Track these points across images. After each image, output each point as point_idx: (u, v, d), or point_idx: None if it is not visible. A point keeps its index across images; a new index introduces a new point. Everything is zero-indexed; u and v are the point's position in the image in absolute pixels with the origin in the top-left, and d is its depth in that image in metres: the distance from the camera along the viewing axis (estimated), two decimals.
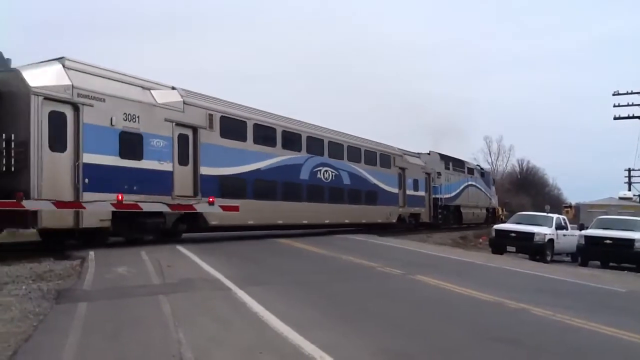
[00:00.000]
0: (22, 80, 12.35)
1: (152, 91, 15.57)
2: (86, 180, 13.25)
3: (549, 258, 20.78)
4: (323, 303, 8.45)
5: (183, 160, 16.21)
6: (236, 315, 7.16)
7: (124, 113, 14.33)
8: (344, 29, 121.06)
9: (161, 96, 15.73)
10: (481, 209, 41.97)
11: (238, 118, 18.63)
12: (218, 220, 17.16)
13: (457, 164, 38.12)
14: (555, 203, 66.59)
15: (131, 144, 14.51)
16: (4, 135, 12.07)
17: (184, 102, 16.39)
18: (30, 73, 12.56)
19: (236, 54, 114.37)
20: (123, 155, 14.25)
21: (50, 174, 12.62)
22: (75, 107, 13.18)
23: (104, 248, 13.95)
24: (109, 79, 14.46)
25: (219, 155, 17.45)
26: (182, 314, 7.01)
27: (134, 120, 14.60)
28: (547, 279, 13.30)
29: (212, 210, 16.71)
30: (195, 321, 6.73)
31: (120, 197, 14.00)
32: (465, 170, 39.30)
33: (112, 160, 13.97)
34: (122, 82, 14.80)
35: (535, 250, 20.75)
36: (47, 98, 12.57)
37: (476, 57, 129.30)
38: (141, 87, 15.34)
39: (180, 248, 14.50)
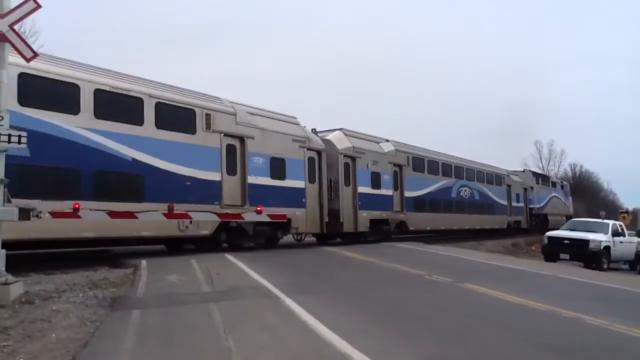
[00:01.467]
0: (333, 145, 21.51)
1: (381, 144, 24.85)
2: (360, 203, 22.12)
3: (605, 266, 20.02)
4: (370, 311, 8.39)
5: (396, 188, 24.91)
6: (284, 323, 7.21)
7: (373, 160, 23.45)
8: (384, 31, 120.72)
9: (385, 147, 24.87)
10: (561, 216, 46.52)
11: (420, 157, 27.52)
12: (415, 226, 25.79)
13: (544, 179, 46.83)
14: (610, 209, 64.35)
15: (377, 179, 23.55)
16: (331, 178, 20.93)
17: (396, 150, 25.35)
18: (331, 139, 21.82)
19: (281, 59, 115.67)
20: (373, 186, 23.28)
21: (344, 198, 21.42)
22: (353, 159, 22.25)
23: (156, 257, 14.33)
24: (365, 140, 23.82)
25: (412, 183, 26.09)
26: (232, 322, 7.11)
27: (375, 164, 23.57)
28: (603, 287, 12.82)
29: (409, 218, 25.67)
30: (245, 329, 6.82)
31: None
32: (550, 184, 47.33)
33: (367, 189, 22.76)
34: (369, 141, 24.16)
35: (591, 257, 20.01)
36: (342, 154, 21.66)
37: (524, 58, 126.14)
38: (376, 142, 24.55)
39: (229, 256, 14.72)
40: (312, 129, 21.50)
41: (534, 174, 45.35)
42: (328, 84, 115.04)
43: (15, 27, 8.85)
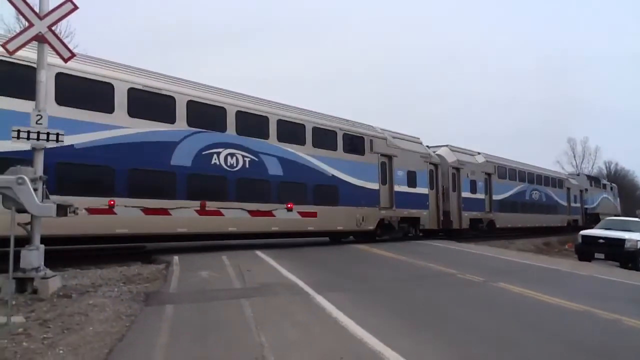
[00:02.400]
0: (445, 159, 27.09)
1: (475, 156, 30.43)
2: (463, 205, 27.51)
3: None
4: (402, 310, 8.35)
5: (487, 193, 30.38)
6: (315, 320, 7.23)
7: (471, 170, 28.88)
8: (421, 32, 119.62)
9: (479, 159, 30.42)
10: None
11: (503, 166, 32.78)
12: (500, 224, 31.08)
13: (596, 182, 52.30)
14: None
15: (474, 186, 28.97)
16: (444, 185, 26.18)
17: (486, 161, 30.87)
18: (442, 153, 27.39)
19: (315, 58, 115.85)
20: (472, 191, 28.71)
21: (452, 201, 26.88)
22: (458, 170, 27.74)
23: (186, 253, 14.54)
24: (464, 153, 29.41)
25: (498, 188, 31.33)
26: (263, 318, 7.17)
27: (473, 174, 29.09)
28: None
29: (496, 217, 31.01)
30: (276, 325, 6.86)
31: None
32: (601, 186, 52.53)
33: (468, 194, 28.23)
34: (467, 154, 29.73)
35: (627, 257, 19.44)
36: (451, 166, 27.25)
37: (556, 55, 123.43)
38: (471, 155, 30.10)
39: (259, 253, 14.84)
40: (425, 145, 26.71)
41: (588, 177, 52.07)
42: (360, 83, 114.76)
43: (53, 28, 9.08)
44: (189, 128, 14.92)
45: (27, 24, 8.87)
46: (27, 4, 8.80)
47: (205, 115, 15.55)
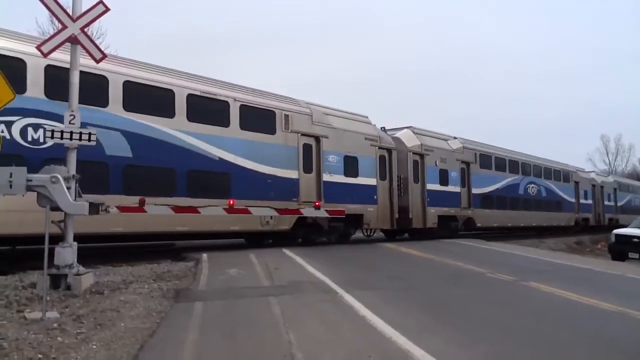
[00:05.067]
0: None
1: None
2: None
3: None
4: (431, 308, 8.26)
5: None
6: (344, 318, 7.21)
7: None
8: (450, 31, 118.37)
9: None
10: None
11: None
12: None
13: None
14: None
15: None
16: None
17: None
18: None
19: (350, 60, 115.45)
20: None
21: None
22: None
23: (215, 251, 14.67)
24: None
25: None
26: (292, 316, 7.18)
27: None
28: None
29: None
30: (305, 323, 6.87)
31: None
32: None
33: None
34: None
35: None
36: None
37: (590, 53, 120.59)
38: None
39: (286, 251, 14.89)
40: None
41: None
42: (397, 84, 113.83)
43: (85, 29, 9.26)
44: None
45: (60, 26, 9.08)
46: (61, 7, 9.00)
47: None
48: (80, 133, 8.86)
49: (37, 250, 9.51)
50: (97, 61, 9.60)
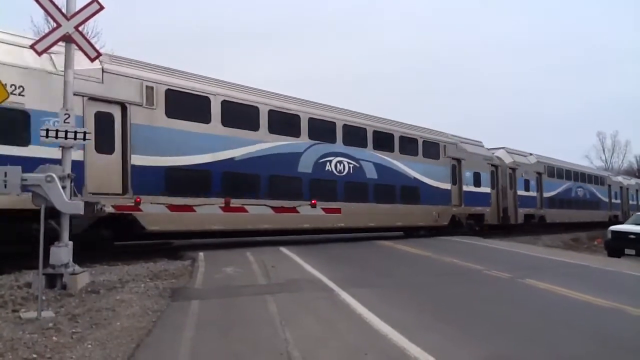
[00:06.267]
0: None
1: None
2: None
3: None
4: (428, 306, 8.27)
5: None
6: (340, 316, 7.21)
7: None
8: (454, 28, 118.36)
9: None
10: None
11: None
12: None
13: None
14: None
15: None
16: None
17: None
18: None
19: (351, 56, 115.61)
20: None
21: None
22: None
23: (212, 249, 14.65)
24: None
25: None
26: (288, 314, 7.18)
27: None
28: None
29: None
30: (301, 321, 6.87)
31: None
32: None
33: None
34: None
35: None
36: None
37: (589, 50, 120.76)
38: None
39: (283, 249, 14.88)
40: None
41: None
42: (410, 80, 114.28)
43: (80, 28, 9.21)
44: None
45: (54, 24, 9.02)
46: (54, 5, 8.94)
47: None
48: (75, 132, 8.82)
49: (32, 249, 9.42)
50: (92, 60, 9.53)
